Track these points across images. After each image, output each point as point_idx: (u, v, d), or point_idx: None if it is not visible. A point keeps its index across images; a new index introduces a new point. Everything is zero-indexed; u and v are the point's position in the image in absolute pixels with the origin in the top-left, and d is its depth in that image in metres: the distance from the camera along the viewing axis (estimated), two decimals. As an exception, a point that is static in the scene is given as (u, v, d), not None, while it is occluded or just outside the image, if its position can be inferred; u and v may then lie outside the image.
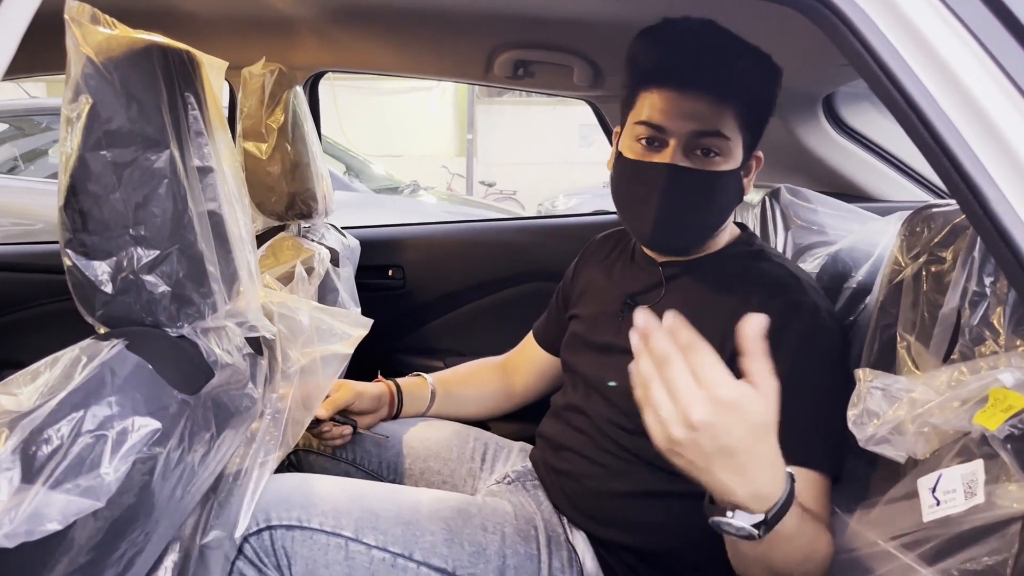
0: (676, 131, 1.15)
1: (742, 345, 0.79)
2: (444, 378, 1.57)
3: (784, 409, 1.09)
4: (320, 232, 1.89)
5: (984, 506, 0.84)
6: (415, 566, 1.10)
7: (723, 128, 1.14)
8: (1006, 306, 0.92)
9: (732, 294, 1.18)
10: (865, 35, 0.70)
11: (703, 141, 1.15)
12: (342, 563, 1.08)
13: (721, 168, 1.16)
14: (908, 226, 1.17)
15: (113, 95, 0.82)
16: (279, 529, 1.08)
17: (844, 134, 1.99)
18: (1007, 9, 0.68)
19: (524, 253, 2.42)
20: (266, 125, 1.68)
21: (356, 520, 1.11)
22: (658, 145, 1.17)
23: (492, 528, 1.18)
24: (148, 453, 0.79)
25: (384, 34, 1.87)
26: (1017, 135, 0.68)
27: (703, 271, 1.24)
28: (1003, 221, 0.67)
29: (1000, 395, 0.82)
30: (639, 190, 1.19)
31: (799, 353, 1.10)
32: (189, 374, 0.89)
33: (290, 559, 1.07)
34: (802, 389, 1.10)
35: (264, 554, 1.07)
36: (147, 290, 0.87)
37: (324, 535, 1.09)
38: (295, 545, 1.07)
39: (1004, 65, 0.69)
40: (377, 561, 1.09)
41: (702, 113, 1.14)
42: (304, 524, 1.09)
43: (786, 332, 1.11)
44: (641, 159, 1.18)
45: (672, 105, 1.14)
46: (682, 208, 1.17)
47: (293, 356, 1.18)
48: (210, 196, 0.96)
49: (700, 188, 1.16)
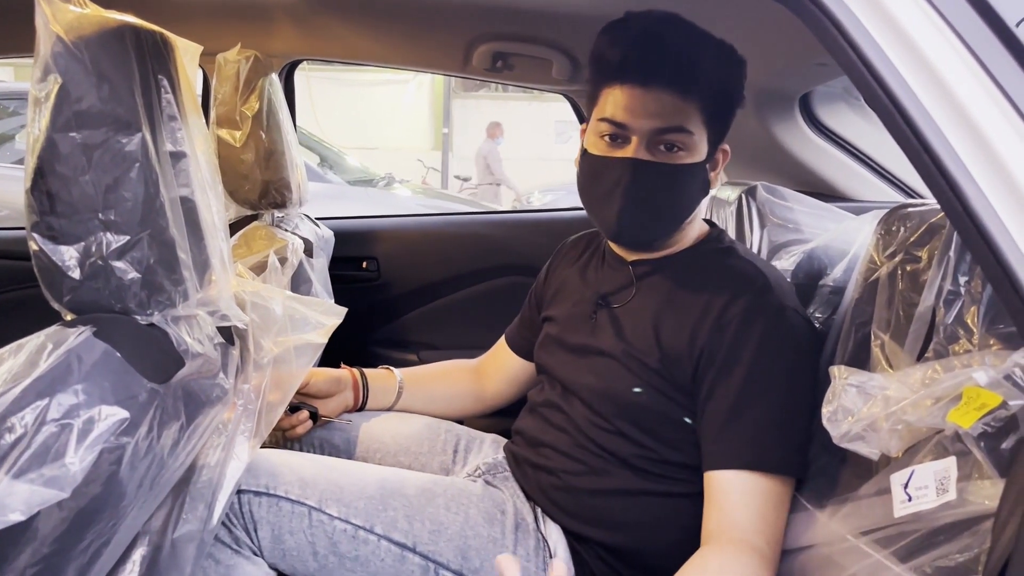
0: (638, 128, 1.15)
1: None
2: (414, 373, 1.55)
3: (744, 410, 1.10)
4: (294, 222, 1.87)
5: (956, 503, 0.84)
6: (375, 539, 1.13)
7: (686, 123, 1.14)
8: (980, 305, 0.92)
9: (700, 292, 1.18)
10: (849, 30, 0.70)
11: (666, 137, 1.15)
12: (305, 531, 1.12)
13: (685, 162, 1.16)
14: (884, 225, 1.17)
15: (83, 75, 0.80)
16: (247, 494, 1.11)
17: (820, 133, 2.00)
18: (990, 7, 0.68)
19: (500, 247, 2.41)
20: (240, 112, 1.66)
21: (321, 491, 1.14)
22: (621, 141, 1.17)
23: (456, 508, 1.19)
24: (115, 443, 0.77)
25: (362, 23, 1.86)
26: (998, 133, 0.68)
27: (672, 270, 1.24)
28: (983, 219, 0.67)
29: (973, 393, 0.82)
30: (603, 185, 1.19)
31: (761, 353, 1.11)
32: (159, 363, 0.87)
33: (256, 523, 1.11)
34: (763, 390, 1.10)
35: (234, 516, 1.11)
36: (116, 276, 0.85)
37: (289, 503, 1.12)
38: (261, 511, 1.11)
39: (985, 63, 0.69)
40: (339, 531, 1.13)
41: (665, 109, 1.13)
42: (271, 491, 1.12)
43: (750, 332, 1.12)
44: (604, 155, 1.18)
45: (635, 102, 1.14)
46: (646, 201, 1.17)
47: (266, 345, 1.16)
48: (183, 182, 0.94)
49: (663, 181, 1.16)
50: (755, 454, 1.08)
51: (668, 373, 1.17)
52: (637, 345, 1.20)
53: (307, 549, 1.12)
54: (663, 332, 1.18)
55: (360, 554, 1.13)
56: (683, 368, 1.16)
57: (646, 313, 1.22)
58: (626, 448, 1.20)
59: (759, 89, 1.87)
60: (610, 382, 1.21)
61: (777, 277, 1.22)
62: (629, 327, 1.23)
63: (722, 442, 1.11)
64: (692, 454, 1.16)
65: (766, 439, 1.09)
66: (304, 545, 1.12)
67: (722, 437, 1.11)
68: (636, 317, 1.23)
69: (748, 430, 1.09)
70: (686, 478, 1.17)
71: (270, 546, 1.12)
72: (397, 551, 1.14)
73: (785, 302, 1.16)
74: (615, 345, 1.22)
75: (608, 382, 1.21)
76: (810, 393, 1.13)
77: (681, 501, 1.17)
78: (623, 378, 1.20)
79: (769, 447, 1.09)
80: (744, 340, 1.12)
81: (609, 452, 1.20)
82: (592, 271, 1.37)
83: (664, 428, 1.18)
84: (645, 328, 1.20)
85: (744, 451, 1.09)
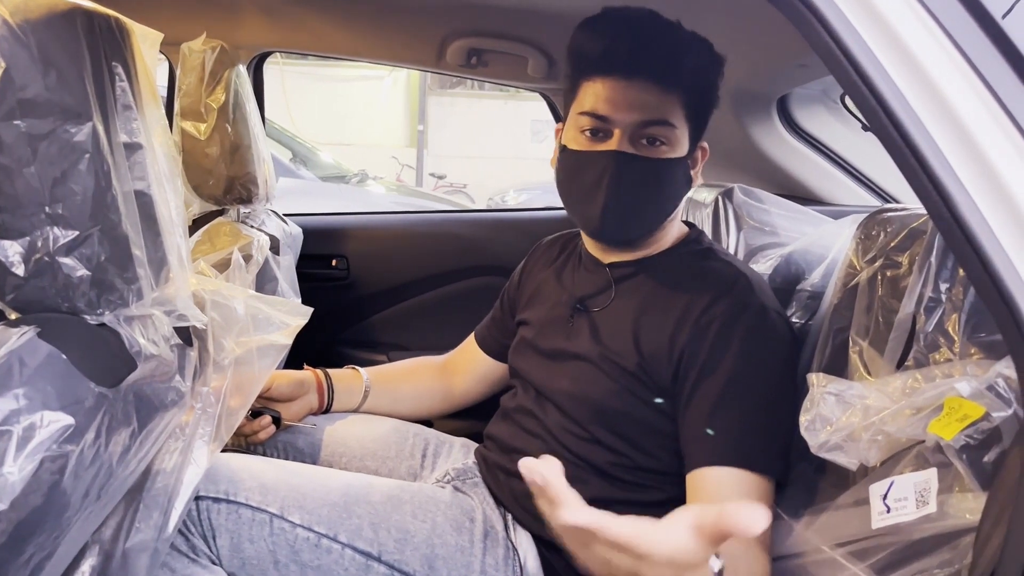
0: (621, 121, 1.13)
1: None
2: (380, 373, 1.51)
3: (728, 410, 1.08)
4: (260, 218, 1.82)
5: (936, 516, 0.82)
6: (339, 547, 1.10)
7: (669, 117, 1.13)
8: (961, 313, 0.91)
9: (680, 294, 1.16)
10: (834, 26, 0.67)
11: (649, 130, 1.13)
12: (266, 539, 1.08)
13: (668, 156, 1.15)
14: (864, 229, 1.16)
15: (29, 60, 0.76)
16: (206, 500, 1.07)
17: (797, 136, 1.99)
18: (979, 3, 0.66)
19: (473, 247, 2.38)
20: (205, 104, 1.61)
21: (283, 498, 1.11)
22: (603, 136, 1.15)
23: (423, 516, 1.15)
24: (58, 451, 0.73)
25: (333, 15, 1.81)
26: (984, 132, 0.66)
27: (651, 272, 1.22)
28: (969, 221, 0.65)
29: (955, 404, 0.80)
30: (586, 180, 1.16)
31: (744, 354, 1.10)
32: (108, 365, 0.82)
33: (215, 531, 1.07)
34: (746, 390, 1.09)
35: (192, 523, 1.06)
36: (64, 274, 0.80)
37: (249, 510, 1.09)
38: (220, 518, 1.07)
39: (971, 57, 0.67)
40: (301, 540, 1.09)
41: (648, 102, 1.12)
42: (230, 498, 1.08)
43: (732, 332, 1.11)
44: (586, 149, 1.16)
45: (617, 94, 1.13)
46: (630, 196, 1.15)
47: (227, 346, 1.12)
48: (138, 175, 0.89)
49: (648, 175, 1.15)
50: (740, 452, 1.06)
51: (646, 376, 1.15)
52: (614, 348, 1.18)
53: (268, 558, 1.08)
54: (642, 335, 1.16)
55: (323, 563, 1.09)
56: (662, 370, 1.14)
57: (625, 316, 1.20)
58: (601, 455, 1.17)
59: (737, 90, 1.86)
60: (585, 386, 1.19)
61: (757, 278, 1.20)
62: (607, 331, 1.21)
63: (703, 441, 1.09)
64: (667, 461, 1.14)
65: (750, 438, 1.07)
66: (265, 554, 1.08)
67: (704, 436, 1.09)
68: (614, 320, 1.21)
69: (732, 429, 1.08)
70: (659, 485, 1.15)
71: (229, 555, 1.08)
72: (362, 560, 1.10)
73: (767, 303, 1.15)
74: (591, 349, 1.20)
75: (583, 386, 1.19)
76: (792, 395, 1.12)
77: (653, 510, 1.15)
78: (599, 382, 1.18)
79: (753, 446, 1.07)
80: (727, 340, 1.10)
81: (583, 459, 1.18)
82: (568, 273, 1.34)
83: (639, 434, 1.16)
84: (624, 331, 1.18)
85: (729, 449, 1.07)
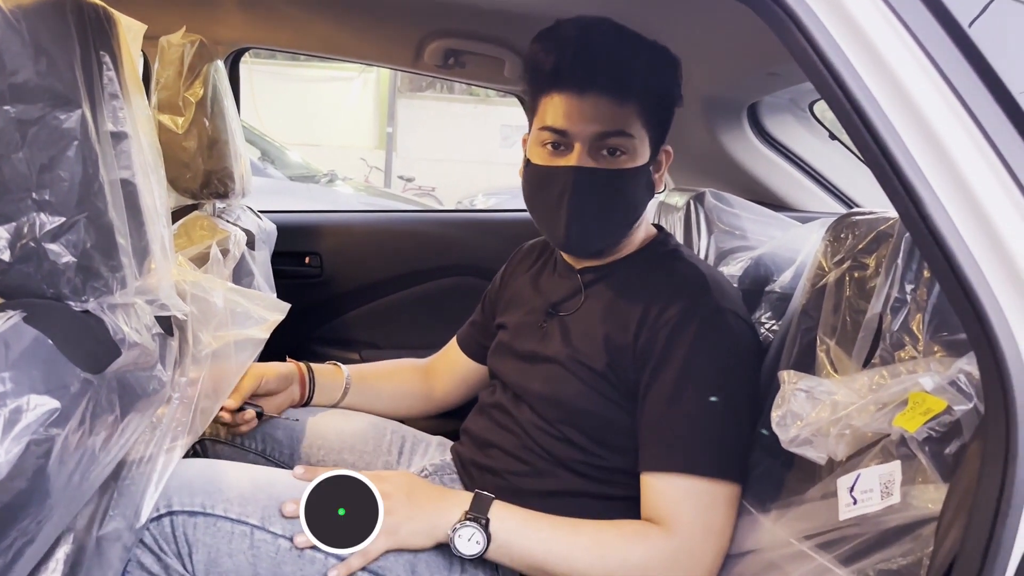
0: (579, 134, 1.14)
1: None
2: (361, 370, 1.52)
3: (675, 411, 1.10)
4: (236, 213, 1.82)
5: (900, 506, 0.85)
6: (323, 557, 1.06)
7: (626, 127, 1.14)
8: (925, 313, 0.94)
9: (643, 295, 1.18)
10: (811, 31, 0.70)
11: (608, 141, 1.15)
12: (246, 552, 1.04)
13: (628, 166, 1.16)
14: (833, 232, 1.19)
15: (20, 45, 0.76)
16: (181, 515, 1.03)
17: (766, 143, 2.03)
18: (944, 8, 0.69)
19: (446, 246, 2.39)
20: (183, 98, 1.60)
21: (263, 508, 1.07)
22: (564, 149, 1.16)
23: None
24: (44, 435, 0.73)
25: (313, 13, 1.82)
26: (951, 135, 0.69)
27: (619, 275, 1.25)
28: (937, 224, 0.68)
29: (919, 398, 0.84)
30: (549, 195, 1.18)
31: (694, 354, 1.11)
32: (93, 352, 0.83)
33: (191, 547, 1.02)
34: (692, 391, 1.10)
35: (164, 541, 1.02)
36: (49, 260, 0.80)
37: (228, 523, 1.04)
38: (197, 532, 1.03)
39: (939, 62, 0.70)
40: (283, 551, 1.05)
41: (604, 114, 1.13)
42: (208, 511, 1.04)
43: (684, 333, 1.12)
44: (548, 164, 1.18)
45: (573, 108, 1.14)
46: (593, 208, 1.17)
47: (205, 339, 1.12)
48: (123, 164, 0.90)
49: (609, 187, 1.16)
50: (686, 457, 1.08)
51: (614, 376, 1.17)
52: (583, 350, 1.20)
53: (248, 571, 1.04)
54: (610, 338, 1.18)
55: (306, 574, 1.06)
56: (628, 370, 1.16)
57: (593, 319, 1.22)
58: (570, 453, 1.19)
59: (708, 97, 1.90)
60: (556, 387, 1.21)
61: (719, 280, 1.22)
62: (577, 333, 1.23)
63: (653, 445, 1.11)
64: (635, 459, 1.16)
65: (697, 441, 1.09)
66: (244, 567, 1.04)
67: (653, 439, 1.11)
68: (584, 324, 1.23)
69: (679, 432, 1.09)
70: (627, 481, 1.17)
71: (205, 570, 1.03)
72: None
73: (723, 304, 1.16)
74: (562, 351, 1.22)
75: (554, 387, 1.21)
76: (747, 397, 1.14)
77: (620, 503, 1.17)
78: (569, 383, 1.19)
79: (700, 450, 1.08)
80: (678, 341, 1.12)
81: (554, 456, 1.20)
82: (544, 279, 1.37)
83: (609, 434, 1.18)
84: (593, 334, 1.20)
85: (675, 454, 1.08)
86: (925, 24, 0.71)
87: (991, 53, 0.71)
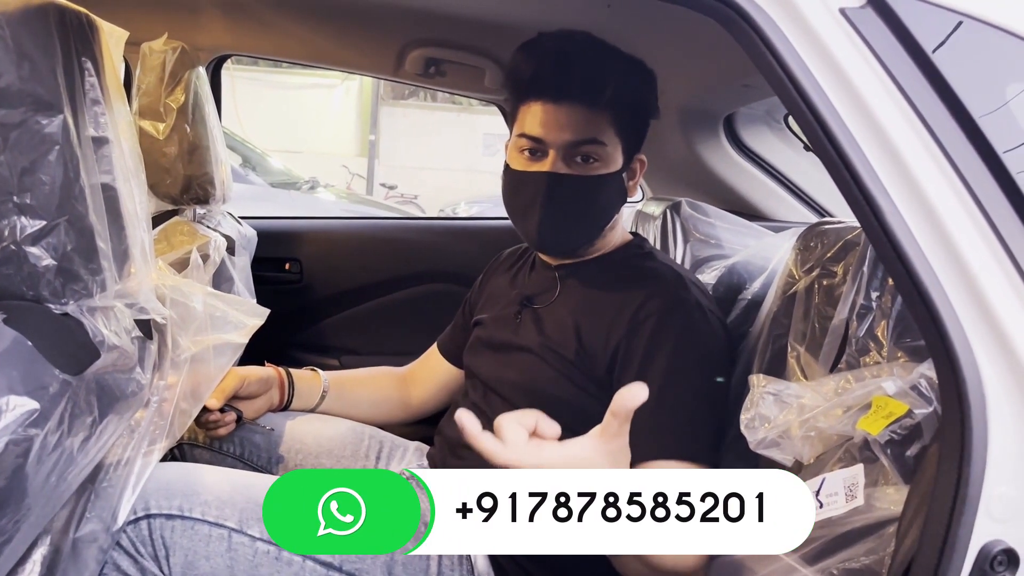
0: (554, 141, 1.19)
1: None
2: (339, 377, 1.53)
3: (665, 403, 1.12)
4: (216, 219, 1.83)
5: (864, 508, 0.88)
6: (300, 560, 1.07)
7: (599, 135, 1.19)
8: (890, 320, 0.97)
9: (618, 292, 1.22)
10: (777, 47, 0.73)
11: (581, 149, 1.19)
12: (224, 555, 1.05)
13: (600, 172, 1.21)
14: (802, 241, 1.22)
15: (3, 51, 0.77)
16: (158, 518, 1.03)
17: (742, 154, 2.06)
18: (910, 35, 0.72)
19: (426, 253, 2.40)
20: (165, 104, 1.61)
21: (241, 511, 1.07)
22: (539, 155, 1.22)
23: None
24: (22, 435, 0.74)
25: (294, 20, 1.83)
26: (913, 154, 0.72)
27: (594, 271, 1.29)
28: (896, 234, 0.71)
29: (882, 402, 0.86)
30: (523, 198, 1.23)
31: (678, 349, 1.14)
32: (72, 353, 0.84)
33: (168, 550, 1.03)
34: (679, 383, 1.13)
35: (141, 544, 1.02)
36: (30, 262, 0.81)
37: (206, 526, 1.05)
38: (175, 535, 1.03)
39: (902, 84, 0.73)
40: (261, 554, 1.06)
41: (577, 123, 1.18)
42: (185, 514, 1.05)
43: (667, 328, 1.15)
44: (524, 169, 1.23)
45: (548, 117, 1.19)
46: (564, 212, 1.22)
47: (184, 343, 1.13)
48: (104, 168, 0.91)
49: (580, 192, 1.21)
50: (660, 444, 1.10)
51: (583, 365, 1.20)
52: (555, 339, 1.23)
53: (225, 574, 1.05)
54: (583, 329, 1.22)
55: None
56: (598, 364, 1.19)
57: (566, 311, 1.26)
58: None
59: (685, 108, 1.93)
60: (529, 375, 1.24)
61: (693, 279, 1.27)
62: (550, 324, 1.26)
63: (642, 434, 1.13)
64: None
65: (687, 430, 1.11)
66: (222, 570, 1.05)
67: (642, 429, 1.13)
68: (557, 315, 1.27)
69: (653, 421, 1.10)
70: None
71: (182, 573, 1.04)
72: (323, 571, 1.08)
73: (701, 300, 1.20)
74: (534, 340, 1.25)
75: (527, 375, 1.24)
76: (722, 392, 1.17)
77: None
78: (541, 371, 1.23)
79: (686, 438, 1.11)
80: (651, 334, 1.15)
81: None
82: (521, 277, 1.40)
83: (579, 423, 1.19)
84: (565, 324, 1.24)
85: (650, 442, 1.09)
86: (891, 49, 0.74)
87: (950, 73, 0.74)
